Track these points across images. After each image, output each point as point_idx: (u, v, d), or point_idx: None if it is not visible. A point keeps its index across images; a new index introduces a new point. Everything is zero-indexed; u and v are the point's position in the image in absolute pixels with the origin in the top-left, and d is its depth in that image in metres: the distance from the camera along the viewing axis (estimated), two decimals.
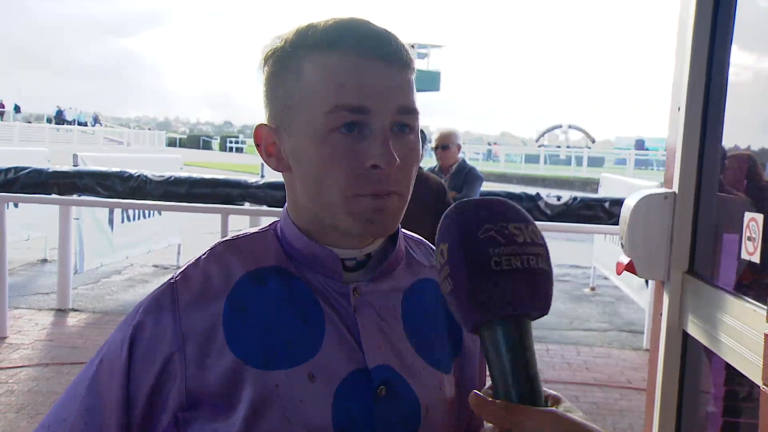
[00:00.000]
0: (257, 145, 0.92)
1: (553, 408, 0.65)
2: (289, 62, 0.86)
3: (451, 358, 0.97)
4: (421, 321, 0.95)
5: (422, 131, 4.43)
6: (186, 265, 0.92)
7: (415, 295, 0.96)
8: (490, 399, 0.66)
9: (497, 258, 0.66)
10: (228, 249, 0.92)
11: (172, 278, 0.90)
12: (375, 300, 0.92)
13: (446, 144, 4.96)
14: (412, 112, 0.86)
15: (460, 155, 5.09)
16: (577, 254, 10.10)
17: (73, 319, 6.04)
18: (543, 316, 0.69)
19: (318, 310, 0.89)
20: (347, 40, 0.83)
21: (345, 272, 0.91)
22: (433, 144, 5.06)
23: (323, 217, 0.88)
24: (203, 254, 0.92)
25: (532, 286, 0.67)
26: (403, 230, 1.00)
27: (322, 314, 0.89)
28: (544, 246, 0.70)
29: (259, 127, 0.91)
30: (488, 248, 0.66)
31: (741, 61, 1.86)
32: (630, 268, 1.97)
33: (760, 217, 1.56)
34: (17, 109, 53.24)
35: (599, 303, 7.62)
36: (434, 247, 1.03)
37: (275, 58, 0.88)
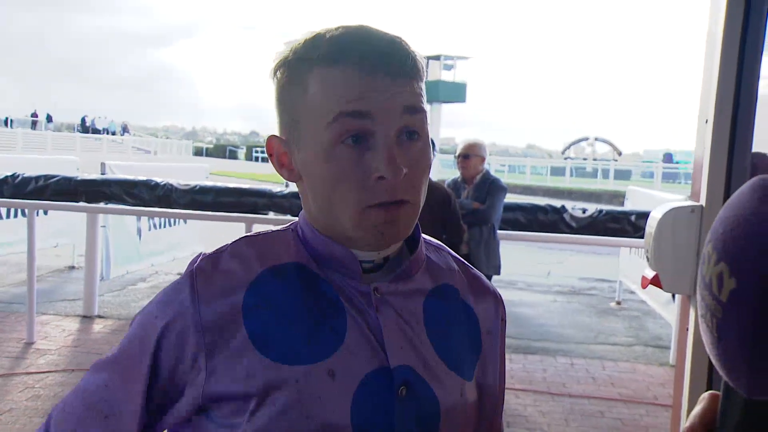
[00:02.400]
0: (270, 155, 0.93)
1: None
2: (296, 74, 0.87)
3: (472, 364, 0.97)
4: (443, 326, 0.94)
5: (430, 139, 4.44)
6: (207, 255, 0.91)
7: (437, 299, 0.96)
8: None
9: None
10: (249, 244, 0.92)
11: (192, 269, 0.89)
12: (395, 301, 0.91)
13: (467, 154, 4.94)
14: (417, 111, 0.85)
15: (485, 166, 5.07)
16: (603, 268, 10.00)
17: (98, 326, 6.11)
18: None
19: (339, 307, 0.89)
20: (351, 55, 0.83)
21: (364, 273, 0.91)
22: (456, 153, 5.05)
23: (336, 226, 0.88)
24: (225, 247, 0.92)
25: None
26: (424, 236, 1.00)
27: (344, 312, 0.88)
28: None
29: (271, 138, 0.92)
30: None
31: None
32: (655, 282, 1.94)
33: None
34: (49, 118, 54.23)
35: (625, 317, 7.52)
36: (452, 252, 1.04)
37: (283, 69, 0.89)
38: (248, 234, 0.95)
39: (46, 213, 7.66)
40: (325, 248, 0.90)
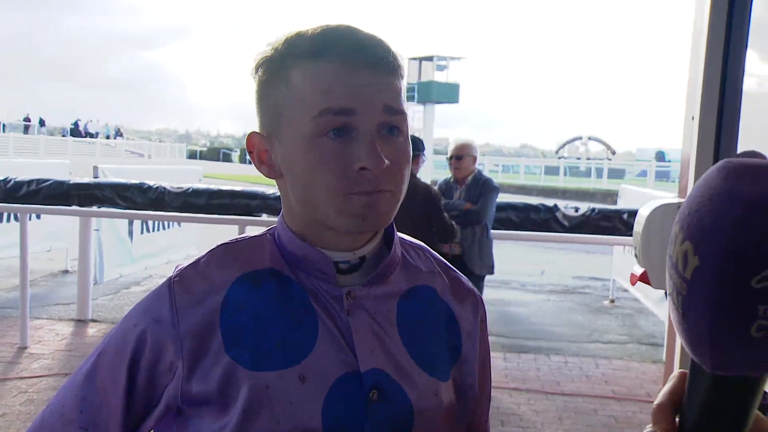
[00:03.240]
0: (250, 153, 0.93)
1: None
2: (278, 71, 0.88)
3: (448, 365, 0.97)
4: (417, 327, 0.95)
5: (418, 138, 4.44)
6: (185, 265, 0.93)
7: (411, 301, 0.96)
8: None
9: (765, 321, 0.44)
10: (226, 252, 0.94)
11: (170, 278, 0.91)
12: (369, 304, 0.92)
13: (460, 155, 4.95)
14: (398, 113, 0.87)
15: (477, 167, 5.08)
16: (596, 266, 10.03)
17: (92, 330, 6.09)
18: None
19: (311, 312, 0.89)
20: (334, 49, 0.84)
21: (339, 275, 0.92)
22: (448, 154, 5.06)
23: (316, 218, 0.89)
24: (203, 256, 0.94)
25: None
26: (400, 235, 1.00)
27: (315, 316, 0.89)
28: None
29: (252, 135, 0.93)
30: (758, 305, 0.44)
31: (756, 69, 1.84)
32: (644, 278, 1.95)
33: None
34: (42, 122, 54.07)
35: (618, 315, 7.54)
36: (434, 254, 1.05)
37: (265, 67, 0.90)
38: (226, 241, 0.96)
39: (39, 217, 7.64)
40: (299, 251, 0.91)
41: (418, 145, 4.35)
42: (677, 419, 0.55)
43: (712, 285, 0.44)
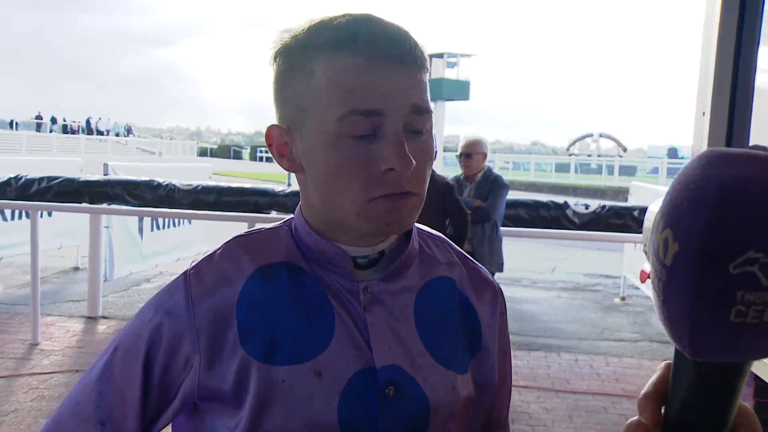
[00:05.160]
0: (269, 146, 0.91)
1: None
2: (299, 61, 0.84)
3: (466, 358, 0.95)
4: (434, 321, 0.93)
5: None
6: (201, 259, 0.92)
7: (429, 294, 0.95)
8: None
9: (743, 307, 0.43)
10: (241, 244, 0.92)
11: (186, 271, 0.91)
12: (387, 299, 0.91)
13: (469, 152, 4.93)
14: (425, 112, 0.84)
15: (487, 164, 5.06)
16: (607, 263, 9.98)
17: (102, 327, 6.12)
18: None
19: (328, 307, 0.88)
20: (358, 41, 0.81)
21: (357, 270, 0.91)
22: (458, 152, 5.04)
23: (336, 218, 0.87)
24: (218, 249, 0.93)
25: None
26: (419, 226, 0.99)
27: (332, 311, 0.88)
28: None
29: (271, 127, 0.90)
30: (736, 291, 0.43)
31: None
32: None
33: None
34: (54, 120, 54.41)
35: (630, 313, 7.50)
36: (452, 245, 1.03)
37: (285, 56, 0.86)
38: (241, 233, 0.95)
39: (50, 214, 7.69)
40: (316, 245, 0.90)
41: None
42: (663, 409, 0.55)
43: (691, 270, 0.44)
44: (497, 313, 1.01)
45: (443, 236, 1.05)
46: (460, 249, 1.05)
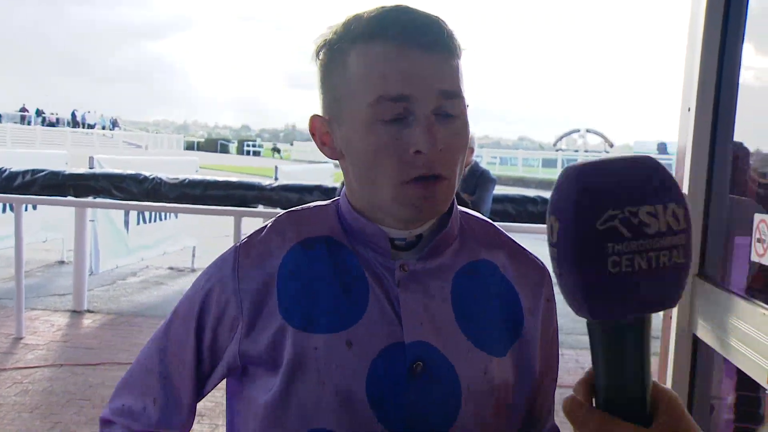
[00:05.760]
0: (312, 135, 0.96)
1: (655, 427, 0.58)
2: (337, 54, 0.90)
3: (506, 342, 0.96)
4: (472, 302, 0.95)
5: None
6: (252, 233, 0.99)
7: (468, 276, 0.96)
8: (587, 405, 0.59)
9: (617, 257, 0.52)
10: (289, 219, 0.99)
11: (236, 244, 0.98)
12: (422, 277, 0.93)
13: None
14: (454, 96, 0.87)
15: (474, 158, 5.06)
16: None
17: (88, 321, 6.09)
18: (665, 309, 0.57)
19: (363, 281, 0.92)
20: (389, 30, 0.85)
21: (395, 251, 0.94)
22: None
23: (374, 201, 0.91)
24: (268, 223, 0.99)
25: (659, 286, 0.54)
26: (463, 209, 1.01)
27: (366, 286, 0.92)
28: (685, 232, 0.55)
29: (314, 117, 0.95)
30: (607, 243, 0.53)
31: (753, 61, 1.83)
32: None
33: None
34: (39, 113, 53.90)
35: None
36: (498, 229, 1.05)
37: (325, 50, 0.92)
38: (292, 209, 1.01)
39: (34, 208, 7.62)
40: (356, 224, 0.94)
41: None
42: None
43: (570, 235, 0.54)
44: (542, 298, 1.01)
45: (489, 220, 1.06)
46: (506, 233, 1.05)
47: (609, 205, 0.53)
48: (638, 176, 0.55)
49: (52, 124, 50.28)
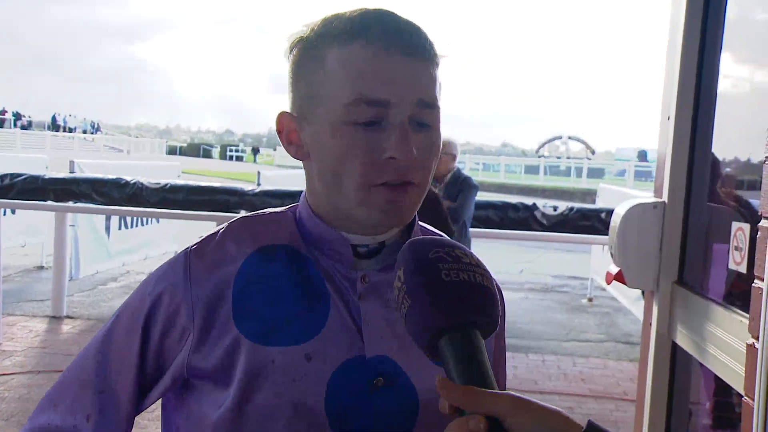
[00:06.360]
0: (279, 132, 0.92)
1: (510, 392, 0.68)
2: (313, 51, 0.87)
3: None
4: None
5: None
6: (204, 237, 0.94)
7: None
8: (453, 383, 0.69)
9: (446, 271, 0.71)
10: (244, 225, 0.95)
11: (188, 248, 0.93)
12: (384, 289, 0.91)
13: None
14: (431, 106, 0.86)
15: (456, 165, 5.08)
16: (575, 265, 10.08)
17: (67, 326, 6.02)
18: (491, 332, 0.73)
19: (324, 292, 0.89)
20: (370, 31, 0.83)
21: (357, 259, 0.92)
22: None
23: (339, 205, 0.88)
24: (222, 227, 0.95)
25: (481, 297, 0.72)
26: (420, 223, 1.00)
27: (327, 297, 0.89)
28: (488, 272, 0.76)
29: (282, 114, 0.92)
30: (438, 264, 0.72)
31: (730, 70, 1.86)
32: (619, 277, 1.96)
33: (747, 227, 1.55)
34: (17, 116, 53.31)
35: (596, 314, 7.59)
36: (453, 242, 1.03)
37: (300, 46, 0.89)
38: (247, 214, 0.97)
39: (13, 212, 7.54)
40: (317, 231, 0.92)
41: None
42: None
43: (414, 268, 0.73)
44: None
45: (445, 234, 1.04)
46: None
47: (434, 247, 0.74)
48: (449, 240, 0.78)
49: (24, 127, 49.53)
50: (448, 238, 0.79)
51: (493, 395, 0.66)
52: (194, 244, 0.93)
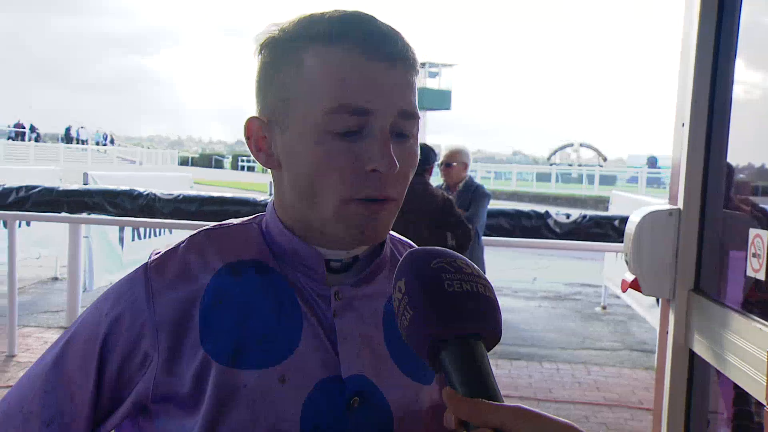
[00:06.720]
0: (247, 138, 0.87)
1: (518, 404, 0.66)
2: (288, 53, 0.82)
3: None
4: None
5: (431, 148, 4.40)
6: (163, 251, 0.88)
7: None
8: (460, 395, 0.67)
9: (449, 281, 0.71)
10: (208, 238, 0.88)
11: (146, 263, 0.86)
12: (357, 305, 0.88)
13: (449, 162, 4.96)
14: (412, 117, 0.83)
15: (469, 173, 5.08)
16: (588, 273, 10.03)
17: None
18: (495, 344, 0.72)
19: (296, 310, 0.85)
20: (352, 35, 0.79)
21: (329, 273, 0.88)
22: (440, 161, 5.06)
23: (312, 219, 0.84)
24: (183, 242, 0.88)
25: (485, 307, 0.71)
26: (391, 232, 0.98)
27: (300, 315, 0.85)
28: (489, 282, 0.74)
29: (251, 119, 0.86)
30: (441, 274, 0.71)
31: (745, 77, 1.84)
32: (635, 285, 1.95)
33: (765, 234, 1.53)
34: (33, 129, 53.78)
35: (610, 322, 7.54)
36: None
37: (272, 47, 0.84)
38: (208, 227, 0.91)
39: (28, 224, 7.59)
40: (289, 245, 0.87)
41: (430, 156, 4.28)
42: None
43: (417, 279, 0.72)
44: None
45: (412, 242, 1.03)
46: None
47: (435, 257, 0.74)
48: (450, 251, 0.76)
49: (36, 140, 49.76)
50: (445, 249, 0.78)
51: (501, 408, 0.65)
52: (153, 260, 0.86)
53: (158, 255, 0.87)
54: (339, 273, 0.89)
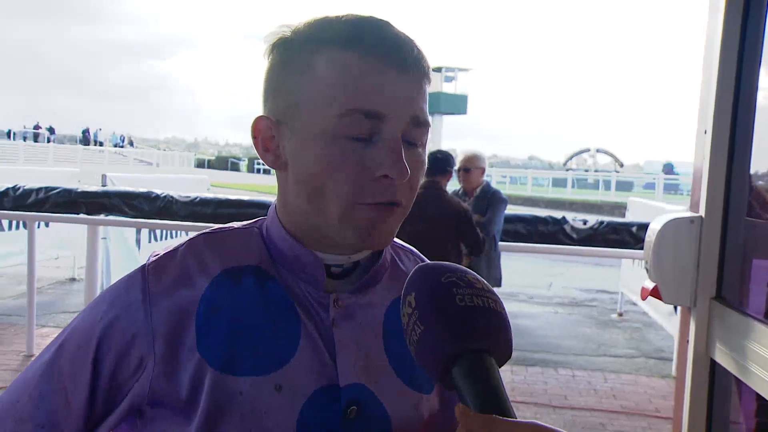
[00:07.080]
0: (254, 138, 0.86)
1: (533, 421, 0.66)
2: (300, 54, 0.81)
3: None
4: (401, 337, 0.89)
5: (449, 154, 4.39)
6: (162, 253, 0.87)
7: (398, 309, 0.92)
8: (473, 411, 0.66)
9: (460, 296, 0.71)
10: (207, 243, 0.87)
11: (144, 265, 0.85)
12: (356, 313, 0.87)
13: (468, 167, 4.95)
14: (423, 124, 0.83)
15: (485, 178, 5.07)
16: (604, 279, 9.97)
17: None
18: (506, 360, 0.71)
19: (294, 317, 0.84)
20: (367, 40, 0.79)
21: (329, 279, 0.87)
22: (456, 166, 5.06)
23: (317, 223, 0.83)
24: (181, 245, 0.87)
25: (497, 323, 0.71)
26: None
27: (298, 323, 0.84)
28: (499, 298, 0.74)
29: (259, 119, 0.85)
30: (452, 288, 0.71)
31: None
32: (655, 293, 1.93)
33: None
34: (51, 131, 54.32)
35: (627, 329, 7.49)
36: (423, 257, 1.02)
37: (283, 48, 0.83)
38: (207, 230, 0.90)
39: (47, 225, 7.66)
40: (289, 251, 0.86)
41: (449, 161, 4.26)
42: None
43: (426, 292, 0.72)
44: None
45: (413, 248, 1.02)
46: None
47: (446, 272, 0.74)
48: (459, 266, 0.76)
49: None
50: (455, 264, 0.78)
51: (515, 424, 0.64)
52: (151, 261, 0.85)
53: (156, 257, 0.86)
54: (339, 278, 0.88)
